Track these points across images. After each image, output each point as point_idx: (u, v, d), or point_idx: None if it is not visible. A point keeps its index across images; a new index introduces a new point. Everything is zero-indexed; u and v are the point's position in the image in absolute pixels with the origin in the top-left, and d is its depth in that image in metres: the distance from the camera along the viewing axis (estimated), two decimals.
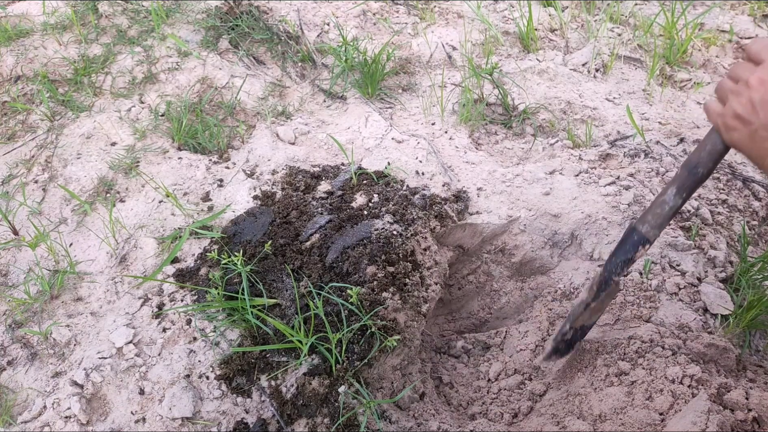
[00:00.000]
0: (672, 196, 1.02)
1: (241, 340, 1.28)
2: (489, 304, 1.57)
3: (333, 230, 1.40)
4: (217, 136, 1.76)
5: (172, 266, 1.44)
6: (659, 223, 1.06)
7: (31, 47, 1.98)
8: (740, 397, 1.12)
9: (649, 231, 1.07)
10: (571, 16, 2.36)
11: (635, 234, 1.09)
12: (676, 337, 1.27)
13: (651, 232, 1.07)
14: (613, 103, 1.97)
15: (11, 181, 1.68)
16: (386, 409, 1.21)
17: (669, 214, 1.04)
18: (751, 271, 1.40)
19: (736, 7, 2.47)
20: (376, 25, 2.26)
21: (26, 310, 1.40)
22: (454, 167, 1.70)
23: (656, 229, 1.06)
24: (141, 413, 1.21)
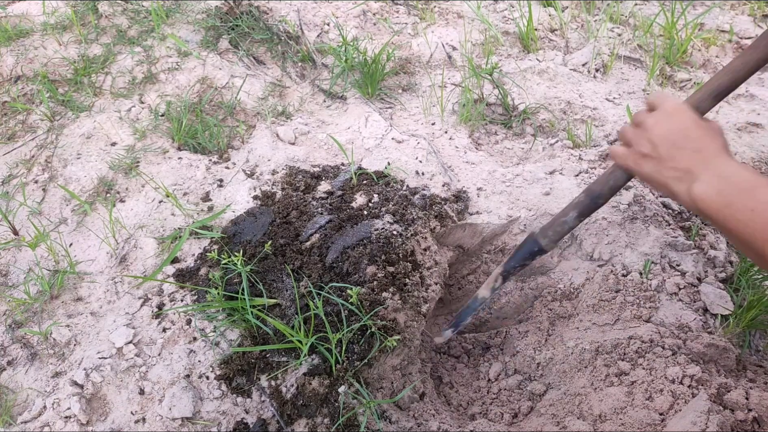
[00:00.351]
0: (573, 218, 1.16)
1: (241, 340, 1.28)
2: (489, 304, 1.57)
3: (333, 230, 1.40)
4: (217, 136, 1.76)
5: (172, 266, 1.44)
6: (557, 239, 1.20)
7: (31, 47, 1.98)
8: (740, 397, 1.12)
9: (548, 244, 1.21)
10: (571, 16, 2.36)
11: (536, 245, 1.22)
12: (676, 337, 1.27)
13: (549, 245, 1.21)
14: (613, 103, 1.97)
15: (11, 181, 1.68)
16: (386, 409, 1.21)
17: (566, 231, 1.19)
18: (751, 271, 1.40)
19: (736, 7, 2.47)
20: (376, 25, 2.26)
21: (26, 310, 1.40)
22: (454, 167, 1.70)
23: (554, 243, 1.21)
24: (141, 413, 1.21)
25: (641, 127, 1.03)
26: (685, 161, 0.96)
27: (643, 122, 1.02)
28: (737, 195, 0.90)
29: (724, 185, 0.91)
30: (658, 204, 1.55)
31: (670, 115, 1.00)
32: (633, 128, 1.05)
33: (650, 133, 1.00)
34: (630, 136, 1.04)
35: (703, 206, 0.91)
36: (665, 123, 1.00)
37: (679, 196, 0.96)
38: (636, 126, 1.04)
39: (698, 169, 0.94)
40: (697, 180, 0.93)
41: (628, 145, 1.05)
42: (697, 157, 0.95)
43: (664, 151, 0.98)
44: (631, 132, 1.05)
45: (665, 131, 0.99)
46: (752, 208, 0.89)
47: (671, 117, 1.00)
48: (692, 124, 0.99)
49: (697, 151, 0.96)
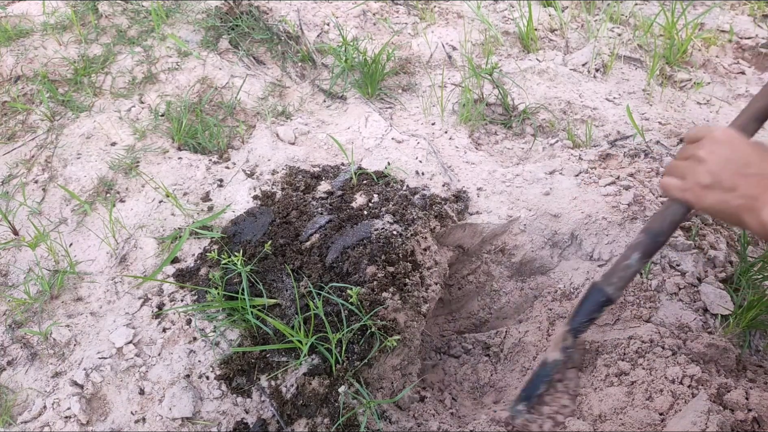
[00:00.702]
0: (636, 260, 1.12)
1: (241, 340, 1.28)
2: (489, 304, 1.57)
3: (333, 230, 1.40)
4: (217, 136, 1.76)
5: (172, 266, 1.44)
6: (623, 285, 1.14)
7: (31, 47, 1.98)
8: (740, 397, 1.12)
9: (614, 293, 1.15)
10: (571, 16, 2.36)
11: (602, 295, 1.16)
12: (676, 337, 1.27)
13: (616, 293, 1.15)
14: (613, 103, 1.97)
15: (11, 181, 1.68)
16: (386, 409, 1.21)
17: (632, 276, 1.14)
18: (751, 271, 1.40)
19: (736, 7, 2.47)
20: (376, 25, 2.26)
21: (26, 310, 1.40)
22: (454, 167, 1.70)
23: (620, 290, 1.15)
24: (141, 413, 1.21)
25: (694, 159, 0.99)
26: (752, 188, 0.92)
27: (695, 154, 0.99)
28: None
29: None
30: (658, 204, 1.55)
31: (724, 143, 0.97)
32: (684, 161, 1.01)
33: (708, 164, 0.97)
34: (684, 169, 1.01)
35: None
36: (721, 151, 0.96)
37: (750, 224, 0.92)
38: (686, 158, 1.01)
39: (767, 195, 0.90)
40: (766, 206, 0.88)
41: (682, 178, 1.01)
42: (765, 183, 0.91)
43: (728, 180, 0.94)
44: (684, 165, 1.01)
45: (724, 160, 0.95)
46: None
47: (725, 145, 0.97)
48: (749, 149, 0.95)
49: (762, 176, 0.92)
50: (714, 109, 2.00)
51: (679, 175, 1.02)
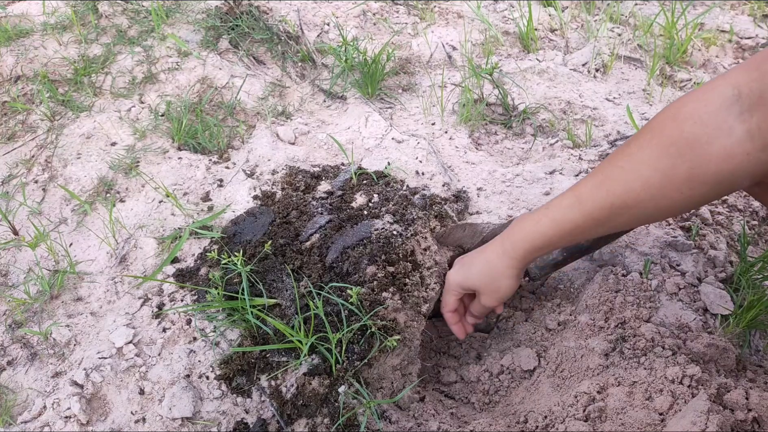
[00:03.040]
0: (557, 252, 1.38)
1: (241, 340, 1.28)
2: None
3: (333, 230, 1.40)
4: (217, 136, 1.76)
5: (172, 266, 1.44)
6: (542, 266, 1.40)
7: (31, 47, 1.98)
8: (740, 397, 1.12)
9: (533, 269, 1.41)
10: (571, 16, 2.36)
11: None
12: (676, 337, 1.27)
13: (534, 270, 1.41)
14: (613, 103, 1.97)
15: (11, 181, 1.68)
16: (386, 409, 1.21)
17: (552, 263, 1.39)
18: (751, 271, 1.40)
19: (736, 7, 2.47)
20: (376, 25, 2.26)
21: (26, 310, 1.40)
22: (454, 167, 1.70)
23: (539, 270, 1.41)
24: (141, 413, 1.21)
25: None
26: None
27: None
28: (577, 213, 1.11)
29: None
30: None
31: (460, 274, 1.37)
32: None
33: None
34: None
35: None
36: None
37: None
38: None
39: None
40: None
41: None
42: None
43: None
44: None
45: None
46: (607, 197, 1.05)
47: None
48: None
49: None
50: None
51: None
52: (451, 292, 1.36)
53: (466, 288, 1.34)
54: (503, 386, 1.38)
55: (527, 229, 1.19)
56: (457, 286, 1.34)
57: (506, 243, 1.24)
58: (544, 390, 1.29)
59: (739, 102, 0.91)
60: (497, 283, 1.27)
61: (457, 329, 1.41)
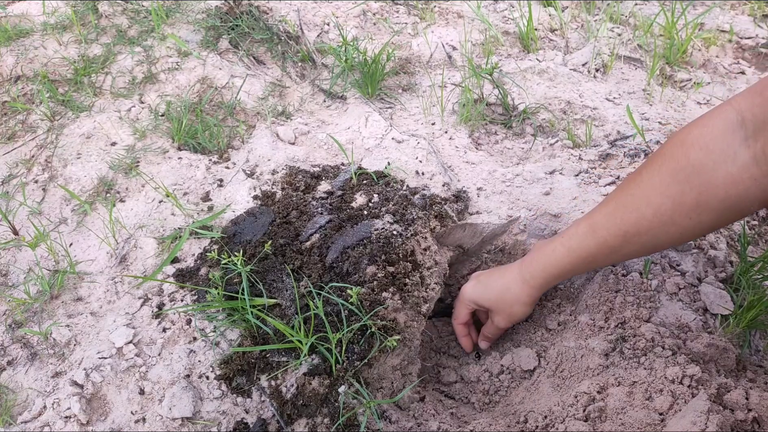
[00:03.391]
0: None
1: (241, 340, 1.28)
2: None
3: (333, 230, 1.40)
4: (217, 136, 1.76)
5: (172, 266, 1.44)
6: None
7: (31, 47, 1.98)
8: (740, 397, 1.12)
9: None
10: (571, 16, 2.36)
11: None
12: (676, 337, 1.27)
13: None
14: (613, 103, 1.97)
15: (11, 181, 1.68)
16: (386, 409, 1.21)
17: None
18: (751, 271, 1.40)
19: (736, 7, 2.47)
20: (376, 25, 2.26)
21: (26, 310, 1.40)
22: (454, 167, 1.70)
23: None
24: (141, 413, 1.21)
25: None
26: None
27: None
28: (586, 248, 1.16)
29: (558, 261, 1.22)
30: None
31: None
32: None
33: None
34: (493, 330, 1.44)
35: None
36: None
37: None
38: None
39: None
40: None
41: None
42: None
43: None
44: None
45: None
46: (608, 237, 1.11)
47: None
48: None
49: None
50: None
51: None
52: (464, 305, 1.40)
53: (480, 305, 1.38)
54: (503, 386, 1.38)
55: (544, 259, 1.22)
56: (472, 302, 1.39)
57: (524, 271, 1.28)
58: (544, 390, 1.29)
59: (744, 127, 0.92)
60: (512, 307, 1.32)
61: (466, 341, 1.45)
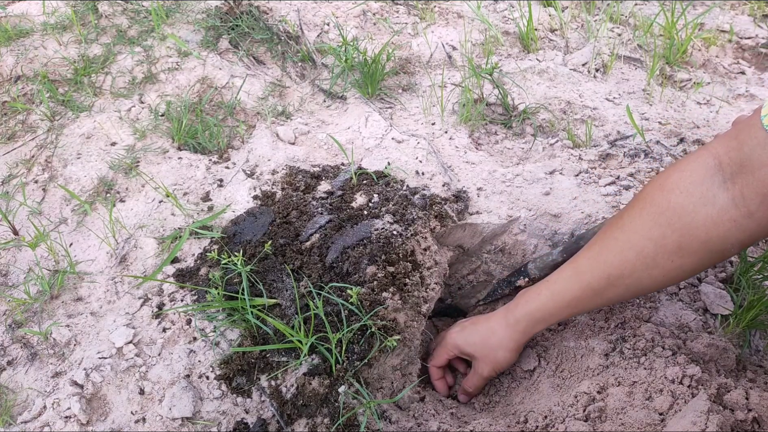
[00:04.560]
0: (557, 253, 1.41)
1: (241, 340, 1.28)
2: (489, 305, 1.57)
3: (333, 230, 1.40)
4: (217, 136, 1.76)
5: (172, 266, 1.44)
6: (542, 267, 1.42)
7: (31, 47, 1.98)
8: (740, 397, 1.12)
9: (533, 269, 1.44)
10: (571, 16, 2.36)
11: (524, 268, 1.46)
12: (676, 337, 1.27)
13: (533, 271, 1.43)
14: (613, 103, 1.97)
15: (11, 181, 1.68)
16: (386, 409, 1.21)
17: (551, 264, 1.40)
18: (751, 271, 1.40)
19: (736, 7, 2.47)
20: (376, 25, 2.26)
21: (26, 310, 1.40)
22: (454, 167, 1.70)
23: (538, 270, 1.42)
24: (141, 413, 1.21)
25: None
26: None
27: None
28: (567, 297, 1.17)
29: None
30: None
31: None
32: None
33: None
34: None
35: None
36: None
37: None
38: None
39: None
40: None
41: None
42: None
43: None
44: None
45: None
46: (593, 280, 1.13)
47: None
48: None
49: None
50: (714, 109, 2.00)
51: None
52: (446, 350, 1.36)
53: (463, 353, 1.35)
54: (503, 386, 1.38)
55: (528, 304, 1.22)
56: (455, 348, 1.35)
57: (509, 316, 1.26)
58: (544, 390, 1.29)
59: (721, 171, 0.94)
60: (496, 353, 1.28)
61: (441, 385, 1.41)
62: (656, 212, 1.01)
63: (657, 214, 1.00)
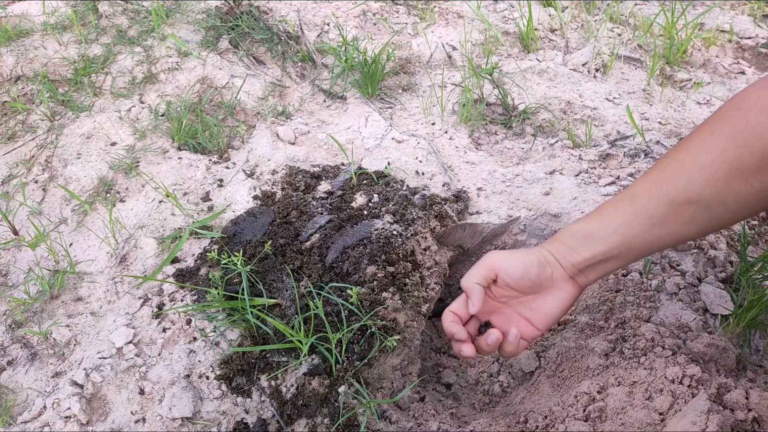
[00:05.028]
0: None
1: (241, 340, 1.28)
2: None
3: (333, 230, 1.40)
4: (217, 136, 1.76)
5: (172, 266, 1.44)
6: None
7: (31, 47, 1.98)
8: (740, 397, 1.12)
9: None
10: (571, 16, 2.36)
11: None
12: (676, 337, 1.27)
13: None
14: (613, 103, 1.97)
15: (11, 181, 1.68)
16: (386, 409, 1.21)
17: None
18: (751, 271, 1.40)
19: (736, 7, 2.47)
20: (376, 25, 2.26)
21: (26, 310, 1.40)
22: (454, 167, 1.70)
23: None
24: (141, 413, 1.21)
25: None
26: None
27: None
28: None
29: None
30: None
31: None
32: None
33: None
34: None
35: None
36: None
37: None
38: None
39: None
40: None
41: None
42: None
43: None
44: None
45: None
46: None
47: None
48: None
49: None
50: (714, 109, 2.00)
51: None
52: (482, 267, 1.03)
53: (504, 279, 1.03)
54: (503, 386, 1.38)
55: (573, 226, 1.02)
56: (492, 269, 1.02)
57: (550, 244, 1.04)
58: (544, 390, 1.29)
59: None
60: (547, 285, 1.03)
61: (468, 348, 1.04)
62: (732, 132, 0.90)
63: (733, 134, 0.89)
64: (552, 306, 1.04)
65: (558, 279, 1.02)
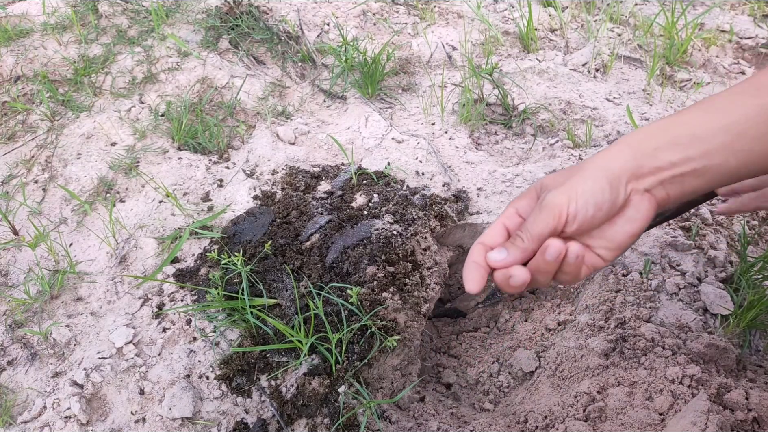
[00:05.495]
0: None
1: (241, 340, 1.28)
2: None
3: (333, 230, 1.40)
4: (217, 136, 1.76)
5: (172, 266, 1.44)
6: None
7: (31, 47, 1.98)
8: (740, 397, 1.12)
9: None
10: (571, 16, 2.36)
11: None
12: (676, 337, 1.27)
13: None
14: (613, 103, 1.97)
15: (11, 181, 1.68)
16: (386, 409, 1.21)
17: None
18: (751, 271, 1.40)
19: (736, 7, 2.47)
20: (376, 25, 2.26)
21: (26, 310, 1.40)
22: (454, 167, 1.70)
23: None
24: (141, 413, 1.21)
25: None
26: None
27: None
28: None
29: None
30: None
31: None
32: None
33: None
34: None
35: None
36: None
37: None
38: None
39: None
40: None
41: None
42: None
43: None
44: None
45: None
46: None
47: None
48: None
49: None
50: None
51: None
52: (550, 215, 0.78)
53: (573, 220, 0.77)
54: (503, 386, 1.38)
55: (654, 124, 0.79)
56: (559, 216, 0.77)
57: (619, 152, 0.82)
58: (544, 390, 1.29)
59: None
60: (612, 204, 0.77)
61: (520, 272, 0.82)
62: None
63: None
64: (622, 231, 0.78)
65: (630, 196, 0.78)
